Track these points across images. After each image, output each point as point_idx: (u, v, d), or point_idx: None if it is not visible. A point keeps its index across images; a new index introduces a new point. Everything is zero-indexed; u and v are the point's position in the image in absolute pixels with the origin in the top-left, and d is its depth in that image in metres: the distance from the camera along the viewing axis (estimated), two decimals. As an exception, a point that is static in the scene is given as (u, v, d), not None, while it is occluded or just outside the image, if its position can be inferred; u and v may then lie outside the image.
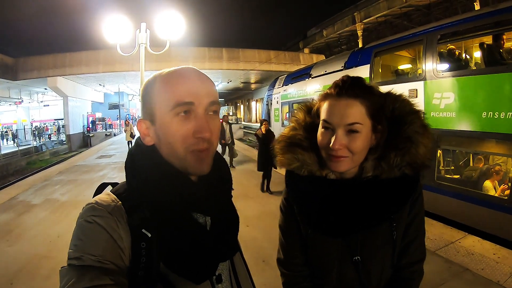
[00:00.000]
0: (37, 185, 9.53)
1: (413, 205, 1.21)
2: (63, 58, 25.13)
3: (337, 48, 35.57)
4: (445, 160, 6.65)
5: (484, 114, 5.20)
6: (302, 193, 1.24)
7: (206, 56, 26.93)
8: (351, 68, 8.69)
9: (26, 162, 24.29)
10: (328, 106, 1.14)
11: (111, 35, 7.81)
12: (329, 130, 1.12)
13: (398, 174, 1.15)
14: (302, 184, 1.24)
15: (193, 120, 0.90)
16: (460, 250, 4.37)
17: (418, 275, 1.26)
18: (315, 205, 1.20)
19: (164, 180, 0.90)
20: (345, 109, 1.10)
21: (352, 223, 1.16)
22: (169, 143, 0.90)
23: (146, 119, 0.95)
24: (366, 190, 1.16)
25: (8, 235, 5.47)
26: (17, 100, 34.61)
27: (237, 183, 8.94)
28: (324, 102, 1.16)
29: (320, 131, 1.16)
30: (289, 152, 1.26)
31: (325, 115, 1.14)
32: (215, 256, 0.95)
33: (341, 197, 1.17)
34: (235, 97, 56.24)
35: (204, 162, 0.93)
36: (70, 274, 0.75)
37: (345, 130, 1.10)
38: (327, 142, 1.12)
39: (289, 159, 1.26)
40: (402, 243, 1.21)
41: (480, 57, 6.36)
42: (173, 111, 0.88)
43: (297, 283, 1.33)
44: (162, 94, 0.90)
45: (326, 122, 1.13)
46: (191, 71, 0.94)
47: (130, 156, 0.98)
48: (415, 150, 1.14)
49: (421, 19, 24.49)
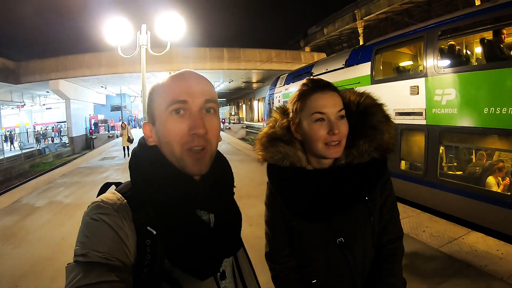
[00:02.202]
0: (40, 188, 9.55)
1: (384, 188, 1.36)
2: (65, 61, 25.27)
3: (338, 46, 35.57)
4: (448, 157, 6.63)
5: (485, 110, 5.19)
6: (286, 183, 1.34)
7: (207, 56, 27.01)
8: (352, 65, 8.68)
9: (30, 165, 24.39)
10: (316, 99, 1.26)
11: (112, 37, 7.85)
12: (323, 121, 1.24)
13: (368, 159, 1.30)
14: (285, 175, 1.34)
15: (187, 118, 0.93)
16: (464, 246, 4.35)
17: (400, 251, 1.36)
18: (298, 193, 1.31)
19: (168, 178, 0.92)
20: (333, 99, 1.25)
21: (332, 206, 1.28)
22: (167, 142, 0.93)
23: (149, 122, 0.99)
24: (342, 176, 1.29)
25: (12, 238, 5.49)
26: (20, 103, 34.75)
27: (240, 183, 8.87)
28: (308, 99, 1.28)
29: (314, 125, 1.26)
30: (271, 147, 1.36)
31: (317, 108, 1.25)
32: (219, 253, 0.97)
33: (321, 184, 1.29)
34: (237, 96, 56.36)
35: (201, 163, 0.95)
36: (76, 270, 0.77)
37: (337, 117, 1.25)
38: (325, 132, 1.24)
39: (271, 153, 1.36)
40: (380, 223, 1.34)
41: (481, 52, 6.33)
42: (168, 109, 0.92)
43: (285, 275, 1.40)
44: (160, 95, 0.96)
45: (320, 113, 1.24)
46: (189, 73, 0.98)
47: (133, 156, 1.01)
48: (380, 136, 1.31)
49: (422, 15, 24.42)
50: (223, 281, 1.01)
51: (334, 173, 1.30)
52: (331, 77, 9.59)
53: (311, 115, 1.26)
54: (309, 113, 1.26)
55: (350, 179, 1.28)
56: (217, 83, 36.38)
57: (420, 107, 6.42)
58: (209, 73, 28.78)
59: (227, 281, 1.03)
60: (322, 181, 1.30)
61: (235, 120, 42.21)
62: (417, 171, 6.86)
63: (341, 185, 1.28)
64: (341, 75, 9.13)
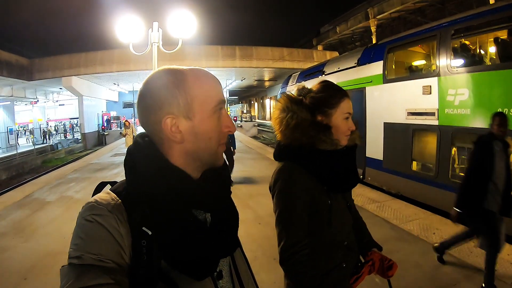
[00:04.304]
0: (52, 183, 9.69)
1: None
2: (77, 58, 25.57)
3: (351, 45, 35.26)
4: (460, 158, 6.53)
5: (499, 110, 5.07)
6: (325, 163, 1.59)
7: (219, 54, 27.04)
8: (365, 64, 8.61)
9: (42, 161, 24.76)
10: (347, 103, 1.63)
11: (124, 34, 7.88)
12: (348, 119, 1.63)
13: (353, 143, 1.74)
14: (325, 157, 1.58)
15: (223, 116, 0.98)
16: (474, 250, 4.28)
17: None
18: (337, 170, 1.61)
19: (166, 177, 0.90)
20: (351, 104, 1.65)
21: (355, 178, 1.73)
22: (209, 138, 0.95)
23: (178, 115, 0.92)
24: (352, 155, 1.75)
25: (23, 232, 5.57)
26: (33, 100, 35.22)
27: (252, 181, 9.02)
28: (343, 101, 1.62)
29: (343, 121, 1.62)
30: (324, 133, 1.59)
31: (348, 109, 1.63)
32: (216, 253, 0.96)
33: (344, 162, 1.65)
34: (249, 94, 56.31)
35: (222, 155, 1.04)
36: (71, 273, 0.76)
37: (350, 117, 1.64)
38: (347, 127, 1.62)
39: (326, 138, 1.59)
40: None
41: (494, 52, 6.22)
42: (216, 107, 0.95)
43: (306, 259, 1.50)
44: (206, 91, 0.95)
45: (349, 114, 1.63)
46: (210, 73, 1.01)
47: (130, 155, 0.97)
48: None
49: (435, 14, 24.06)
50: (220, 281, 1.00)
51: (346, 153, 1.68)
52: (343, 76, 9.55)
53: (343, 113, 1.62)
54: (342, 112, 1.61)
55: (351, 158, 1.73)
56: (229, 81, 36.46)
57: (433, 107, 6.34)
58: (222, 71, 28.86)
59: (224, 281, 1.02)
60: (343, 160, 1.65)
61: (247, 118, 42.26)
62: (428, 172, 6.78)
63: (353, 161, 1.75)
64: (353, 74, 9.07)
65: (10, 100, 31.93)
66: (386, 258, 1.72)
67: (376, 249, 1.79)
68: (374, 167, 8.25)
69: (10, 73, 23.19)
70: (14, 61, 23.76)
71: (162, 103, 0.92)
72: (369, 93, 8.35)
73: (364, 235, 1.86)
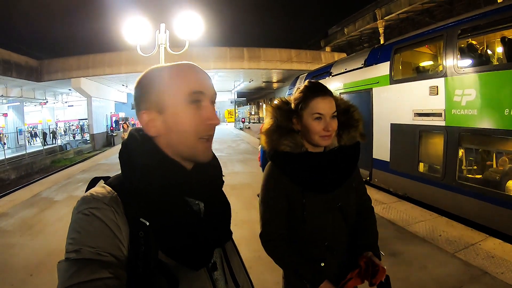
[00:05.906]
0: (60, 183, 9.75)
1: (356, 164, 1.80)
2: (86, 60, 25.75)
3: (359, 46, 35.03)
4: (467, 160, 6.47)
5: (506, 111, 5.01)
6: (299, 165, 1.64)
7: (227, 56, 27.02)
8: (371, 65, 8.54)
9: (51, 161, 24.96)
10: (318, 103, 1.61)
11: (132, 36, 7.95)
12: (321, 120, 1.59)
13: (353, 142, 1.73)
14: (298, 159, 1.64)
15: (203, 108, 0.96)
16: (480, 252, 4.24)
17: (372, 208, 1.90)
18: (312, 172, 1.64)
19: (160, 168, 0.92)
20: (331, 103, 1.62)
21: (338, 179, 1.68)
22: (182, 131, 0.94)
23: (151, 110, 0.94)
24: (340, 155, 1.70)
25: (30, 230, 5.62)
26: (42, 100, 35.54)
27: (256, 182, 8.97)
28: (312, 101, 1.62)
29: (313, 122, 1.60)
30: (283, 137, 1.66)
31: (317, 109, 1.60)
32: (210, 242, 0.98)
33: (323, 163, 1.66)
34: (257, 96, 56.31)
35: (209, 150, 1.02)
36: (69, 268, 0.76)
37: (331, 117, 1.60)
38: (321, 128, 1.59)
39: (285, 143, 1.66)
40: (358, 190, 1.81)
41: (502, 51, 6.14)
42: (187, 99, 0.93)
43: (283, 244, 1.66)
44: (175, 83, 0.94)
45: (319, 114, 1.59)
46: (194, 65, 1.00)
47: (125, 148, 0.99)
48: (360, 126, 1.75)
49: (444, 15, 23.82)
50: (214, 272, 1.01)
51: (333, 154, 1.69)
52: (350, 77, 9.51)
53: (312, 114, 1.60)
54: (311, 112, 1.61)
55: (343, 158, 1.70)
56: (237, 83, 36.43)
57: (440, 107, 6.28)
58: (229, 72, 28.87)
59: (218, 272, 1.03)
60: (325, 161, 1.66)
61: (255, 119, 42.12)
62: (435, 174, 6.72)
63: (338, 163, 1.68)
64: (360, 75, 9.01)
65: (19, 101, 32.29)
66: (374, 263, 1.56)
67: (371, 253, 1.63)
68: (381, 168, 8.18)
69: (20, 74, 23.42)
70: (24, 63, 24.00)
71: (140, 100, 0.96)
72: (376, 94, 8.28)
73: (361, 237, 1.73)
